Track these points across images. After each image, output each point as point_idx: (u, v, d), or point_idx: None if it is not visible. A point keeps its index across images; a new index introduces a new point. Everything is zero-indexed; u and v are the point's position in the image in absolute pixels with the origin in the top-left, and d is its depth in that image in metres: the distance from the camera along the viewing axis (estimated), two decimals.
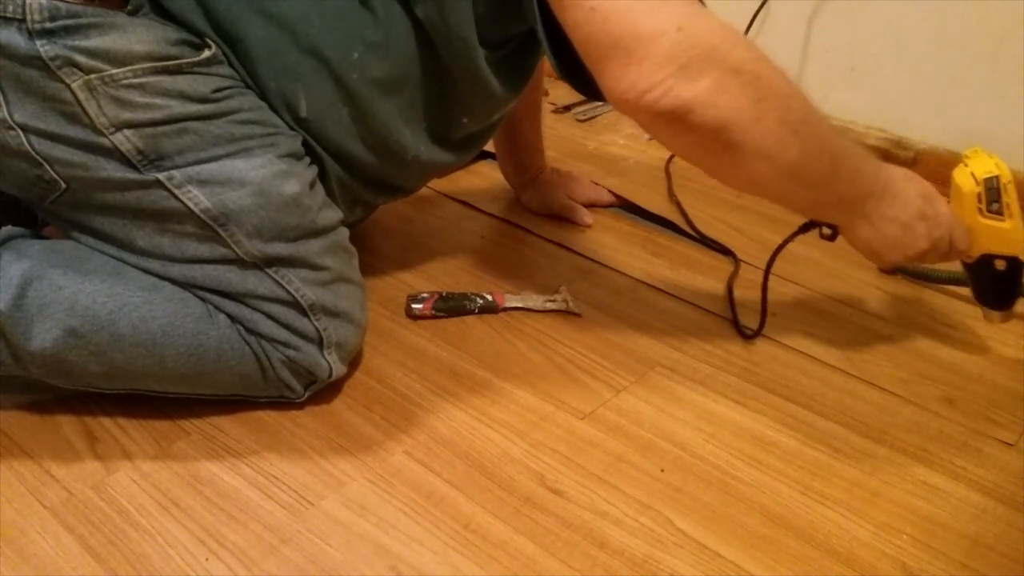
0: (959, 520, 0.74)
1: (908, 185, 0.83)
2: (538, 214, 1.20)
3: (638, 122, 0.72)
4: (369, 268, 1.03)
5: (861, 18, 1.36)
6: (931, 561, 0.70)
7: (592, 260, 1.10)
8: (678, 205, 1.24)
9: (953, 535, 0.73)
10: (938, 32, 1.29)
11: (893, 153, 1.37)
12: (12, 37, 0.66)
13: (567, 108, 1.60)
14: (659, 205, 1.23)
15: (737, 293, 1.04)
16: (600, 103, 1.61)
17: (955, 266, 1.08)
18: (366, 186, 0.89)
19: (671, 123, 0.69)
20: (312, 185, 0.79)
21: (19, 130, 0.69)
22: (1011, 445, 0.83)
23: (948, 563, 0.70)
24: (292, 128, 0.79)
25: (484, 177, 1.29)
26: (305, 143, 0.80)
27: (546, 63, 0.82)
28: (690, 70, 0.66)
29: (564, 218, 1.19)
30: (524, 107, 1.14)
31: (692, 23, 0.67)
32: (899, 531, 0.73)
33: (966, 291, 1.06)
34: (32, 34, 0.66)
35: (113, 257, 0.75)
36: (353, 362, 0.87)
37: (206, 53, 0.73)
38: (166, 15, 0.73)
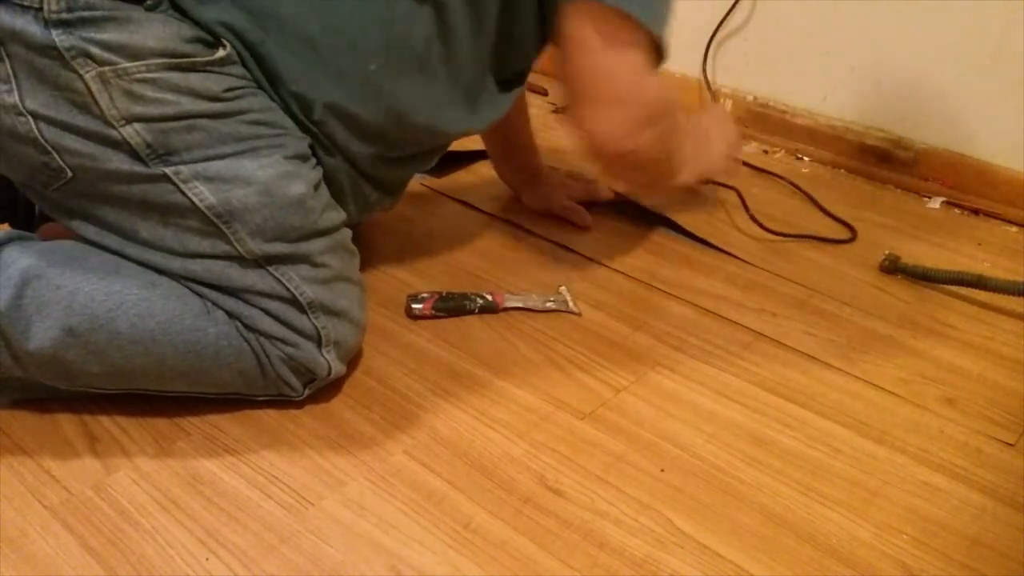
0: (959, 520, 0.74)
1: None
2: (538, 213, 1.20)
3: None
4: (369, 268, 1.03)
5: (860, 18, 1.36)
6: (931, 561, 0.70)
7: (592, 260, 1.10)
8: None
9: (953, 535, 0.73)
10: (937, 33, 1.29)
11: (893, 153, 1.37)
12: (28, 25, 0.66)
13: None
14: (658, 203, 1.23)
15: (736, 292, 1.04)
16: None
17: (955, 265, 1.09)
18: (373, 186, 0.89)
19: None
20: (317, 187, 0.79)
21: (29, 117, 0.69)
22: (1011, 445, 0.83)
23: (948, 563, 0.70)
24: (303, 129, 0.80)
25: (483, 177, 1.29)
26: (318, 143, 0.80)
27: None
28: (651, 123, 0.86)
29: (563, 219, 1.19)
30: (514, 110, 1.14)
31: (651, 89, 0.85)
32: (899, 531, 0.73)
33: (966, 291, 1.06)
34: (48, 23, 0.66)
35: (113, 250, 0.75)
36: (353, 362, 0.87)
37: (220, 53, 0.74)
38: (182, 12, 0.73)
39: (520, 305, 0.98)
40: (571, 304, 0.99)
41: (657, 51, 0.86)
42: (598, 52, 0.82)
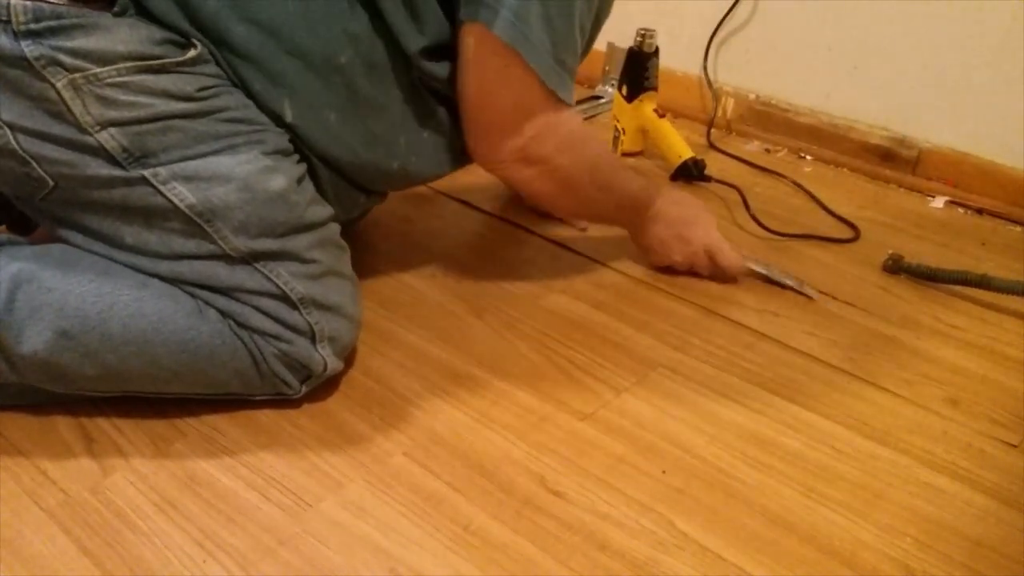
0: (962, 522, 0.74)
1: (674, 210, 1.04)
2: (538, 215, 1.19)
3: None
4: (369, 268, 1.03)
5: (863, 16, 1.35)
6: (934, 563, 0.69)
7: (592, 260, 1.10)
8: None
9: (956, 537, 0.72)
10: (941, 30, 1.29)
11: (896, 152, 1.37)
12: None
13: None
14: None
15: (738, 292, 1.04)
16: (601, 102, 1.62)
17: (956, 265, 1.08)
18: (357, 189, 0.89)
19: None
20: (300, 181, 0.79)
21: (6, 128, 0.69)
22: (1014, 446, 0.83)
23: (951, 565, 0.69)
24: (279, 126, 0.79)
25: (484, 177, 1.28)
26: (293, 143, 0.80)
27: None
28: (526, 162, 0.91)
29: (560, 220, 1.18)
30: None
31: (544, 134, 0.89)
32: (902, 533, 0.72)
33: (970, 291, 1.06)
34: (17, 35, 0.67)
35: (102, 256, 0.75)
36: (351, 362, 0.86)
37: (191, 53, 0.74)
38: (151, 17, 0.73)
39: (762, 271, 1.06)
40: (809, 290, 1.04)
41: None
42: (484, 76, 0.85)
